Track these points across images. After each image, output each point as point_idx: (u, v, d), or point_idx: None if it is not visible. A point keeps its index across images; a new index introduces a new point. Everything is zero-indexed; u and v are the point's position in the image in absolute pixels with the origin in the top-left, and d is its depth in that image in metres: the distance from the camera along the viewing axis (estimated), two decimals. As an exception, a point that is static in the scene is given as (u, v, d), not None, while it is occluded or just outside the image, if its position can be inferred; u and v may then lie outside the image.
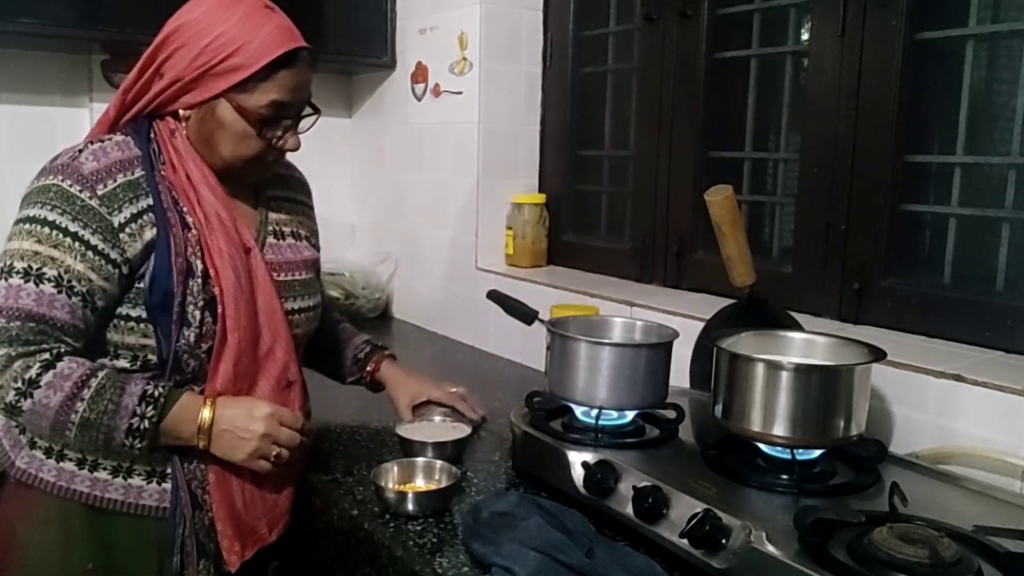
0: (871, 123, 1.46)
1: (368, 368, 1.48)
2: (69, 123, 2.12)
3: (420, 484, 1.22)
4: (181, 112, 1.17)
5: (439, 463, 1.23)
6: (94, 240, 1.09)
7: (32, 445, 1.17)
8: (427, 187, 2.30)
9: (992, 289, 1.35)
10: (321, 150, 2.52)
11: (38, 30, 1.82)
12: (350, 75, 2.57)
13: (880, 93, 1.44)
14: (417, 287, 2.38)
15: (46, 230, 1.08)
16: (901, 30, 1.40)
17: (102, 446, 1.09)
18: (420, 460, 1.24)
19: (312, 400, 1.32)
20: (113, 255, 1.10)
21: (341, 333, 1.52)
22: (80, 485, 1.14)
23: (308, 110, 1.22)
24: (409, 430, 1.35)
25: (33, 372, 1.04)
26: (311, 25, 2.21)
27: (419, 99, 2.29)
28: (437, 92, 2.21)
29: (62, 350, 1.07)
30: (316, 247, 1.37)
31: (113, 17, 1.85)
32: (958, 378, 1.18)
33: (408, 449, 1.31)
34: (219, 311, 1.13)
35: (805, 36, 1.62)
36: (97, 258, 1.09)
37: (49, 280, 1.06)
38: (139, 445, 1.08)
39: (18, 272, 1.06)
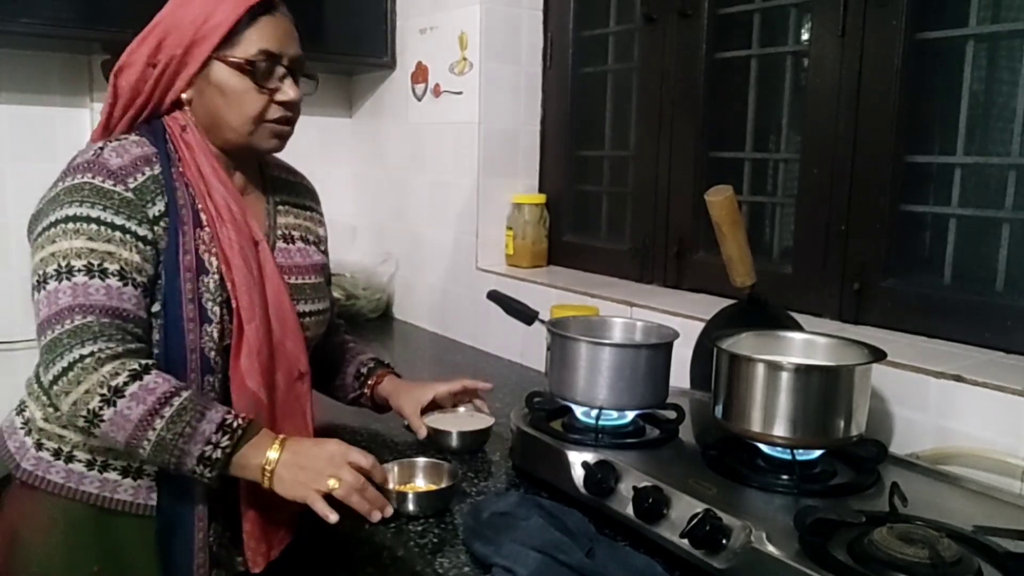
0: (871, 123, 1.46)
1: (370, 382, 1.43)
2: (69, 123, 2.12)
3: (420, 484, 1.22)
4: (183, 97, 1.18)
5: (442, 463, 1.23)
6: (141, 231, 1.10)
7: (39, 447, 1.17)
8: (427, 187, 2.30)
9: (992, 289, 1.35)
10: (321, 150, 2.53)
11: (39, 30, 1.82)
12: (350, 75, 2.57)
13: (880, 93, 1.44)
14: (417, 287, 2.38)
15: (93, 226, 1.08)
16: (901, 30, 1.40)
17: (173, 468, 1.06)
18: (421, 460, 1.24)
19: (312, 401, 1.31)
20: (159, 244, 1.11)
21: (347, 352, 1.48)
22: (89, 487, 1.14)
23: (307, 65, 1.22)
24: (435, 420, 1.39)
25: (121, 380, 1.03)
26: (311, 25, 2.23)
27: (419, 99, 2.29)
28: (437, 92, 2.21)
29: (150, 364, 1.07)
30: (325, 252, 1.37)
31: (113, 17, 1.85)
32: (958, 378, 1.18)
33: (437, 439, 1.37)
34: (234, 305, 1.13)
35: (805, 36, 1.62)
36: (148, 248, 1.11)
37: (113, 274, 1.07)
38: (209, 474, 1.06)
39: (80, 270, 1.06)
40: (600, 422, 1.19)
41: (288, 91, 1.18)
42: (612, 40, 2.04)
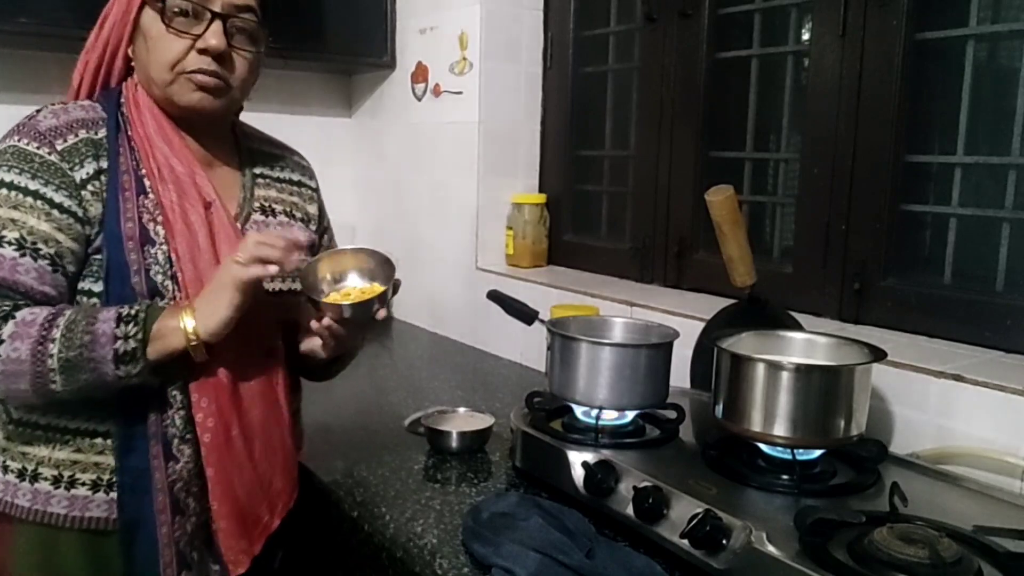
0: (871, 123, 1.46)
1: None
2: (69, 123, 2.12)
3: (356, 281, 1.16)
4: (130, 53, 1.11)
5: (376, 255, 1.19)
6: (58, 197, 1.01)
7: (4, 469, 1.07)
8: (427, 187, 2.30)
9: (992, 289, 1.35)
10: (321, 150, 2.52)
11: (38, 30, 1.82)
12: (350, 75, 2.57)
13: (880, 93, 1.44)
14: (417, 287, 2.38)
15: (3, 191, 1.00)
16: (901, 30, 1.40)
17: (97, 386, 0.98)
18: (353, 251, 1.20)
19: (310, 402, 1.30)
20: (79, 212, 1.02)
21: None
22: (58, 507, 1.04)
23: (250, 18, 1.09)
24: (435, 420, 1.42)
25: None
26: (311, 25, 2.23)
27: (419, 99, 2.29)
28: (437, 92, 2.21)
29: (20, 303, 0.97)
30: (319, 233, 1.28)
31: (113, 17, 1.85)
32: (958, 378, 1.18)
33: (437, 439, 1.38)
34: (179, 277, 1.04)
35: (806, 36, 1.62)
36: (64, 216, 1.01)
37: (9, 243, 0.98)
38: (135, 371, 0.97)
39: None
40: (600, 422, 1.19)
41: (209, 38, 1.05)
42: (612, 40, 2.04)
